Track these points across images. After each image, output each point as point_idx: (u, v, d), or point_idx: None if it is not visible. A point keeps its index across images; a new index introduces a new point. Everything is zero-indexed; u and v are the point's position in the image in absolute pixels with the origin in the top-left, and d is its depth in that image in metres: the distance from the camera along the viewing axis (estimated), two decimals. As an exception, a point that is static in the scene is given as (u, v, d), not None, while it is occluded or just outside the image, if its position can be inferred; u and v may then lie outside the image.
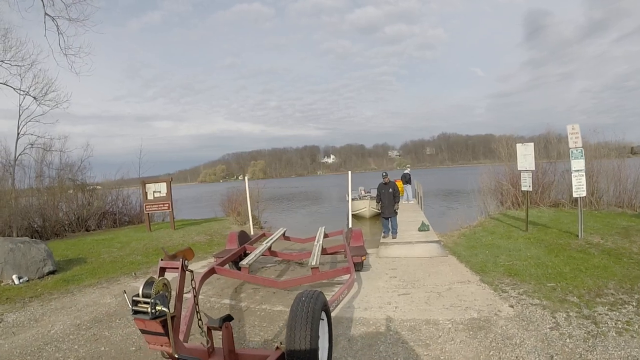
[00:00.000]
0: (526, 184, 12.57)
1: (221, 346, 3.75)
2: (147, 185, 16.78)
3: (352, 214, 23.40)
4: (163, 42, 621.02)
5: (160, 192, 16.50)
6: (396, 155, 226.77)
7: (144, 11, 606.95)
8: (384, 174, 12.67)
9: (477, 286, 7.34)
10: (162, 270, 3.66)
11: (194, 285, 3.96)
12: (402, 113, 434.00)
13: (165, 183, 16.52)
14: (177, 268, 3.68)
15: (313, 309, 3.76)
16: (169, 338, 3.14)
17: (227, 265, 8.53)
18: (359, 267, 8.37)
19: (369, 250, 10.45)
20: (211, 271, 7.49)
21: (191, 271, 3.75)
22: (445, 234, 13.59)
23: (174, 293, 3.45)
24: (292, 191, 63.06)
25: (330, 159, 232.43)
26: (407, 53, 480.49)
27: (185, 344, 3.90)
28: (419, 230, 13.28)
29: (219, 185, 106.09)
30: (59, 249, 13.30)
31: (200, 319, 3.79)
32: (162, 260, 3.72)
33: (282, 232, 11.40)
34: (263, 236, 11.23)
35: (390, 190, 12.26)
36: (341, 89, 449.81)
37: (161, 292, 3.19)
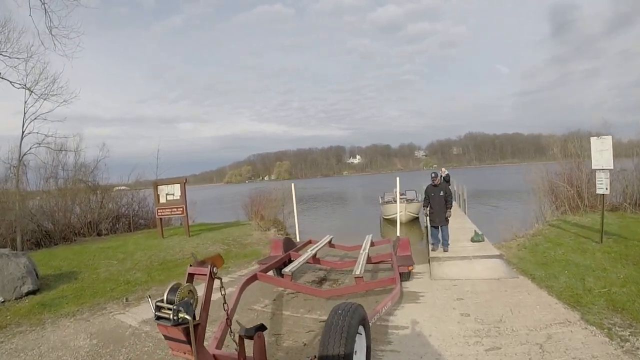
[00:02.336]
0: (602, 186, 10.34)
1: (252, 355, 3.63)
2: (159, 187, 15.00)
3: (386, 218, 21.56)
4: (185, 44, 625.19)
5: (173, 194, 14.69)
6: (422, 155, 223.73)
7: (166, 14, 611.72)
8: (433, 174, 10.62)
9: (583, 330, 5.25)
10: (191, 276, 3.58)
11: (223, 293, 3.75)
12: (427, 112, 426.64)
13: (179, 185, 14.69)
14: (205, 275, 3.51)
15: (349, 323, 3.57)
16: (191, 346, 3.05)
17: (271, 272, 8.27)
18: (405, 277, 7.92)
19: (418, 268, 9.00)
20: (253, 277, 7.17)
21: (220, 278, 3.65)
22: (500, 244, 11.56)
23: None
24: (318, 192, 60.98)
25: (356, 160, 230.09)
26: (430, 51, 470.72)
27: (217, 350, 3.89)
28: (472, 240, 11.21)
29: (245, 185, 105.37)
30: (57, 258, 11.80)
31: (231, 327, 3.87)
32: (190, 266, 3.61)
33: (329, 239, 10.86)
34: (309, 243, 10.88)
35: (442, 193, 10.22)
36: (364, 88, 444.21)
37: (186, 298, 3.13)
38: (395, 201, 20.87)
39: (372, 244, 10.09)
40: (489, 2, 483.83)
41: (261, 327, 3.66)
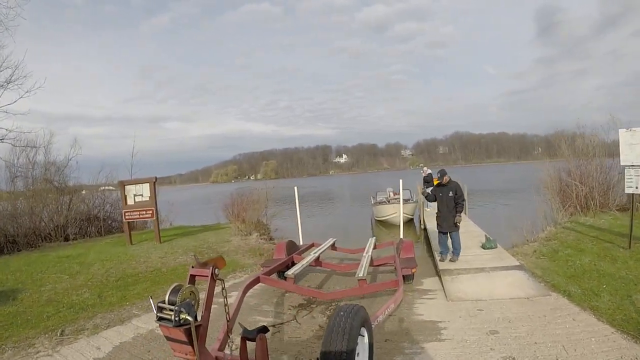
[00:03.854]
0: (632, 184, 9.04)
1: (254, 358, 3.57)
2: (126, 188, 13.31)
3: (379, 220, 20.04)
4: (174, 43, 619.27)
5: (142, 195, 13.03)
6: (409, 155, 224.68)
7: (154, 13, 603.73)
8: (439, 173, 9.16)
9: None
10: (192, 277, 3.57)
11: (225, 295, 3.72)
12: (415, 112, 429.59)
13: (148, 184, 13.05)
14: (207, 276, 3.51)
15: (351, 325, 3.53)
16: (193, 347, 3.05)
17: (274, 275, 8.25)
18: (409, 279, 7.83)
19: (427, 284, 8.04)
20: (256, 280, 7.18)
21: (222, 280, 3.65)
22: (513, 250, 10.27)
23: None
24: (304, 192, 58.81)
25: (343, 159, 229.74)
26: (418, 51, 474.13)
27: (220, 352, 3.87)
28: (484, 247, 9.82)
29: (231, 185, 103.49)
30: (8, 270, 10.32)
31: (232, 329, 4.13)
32: (192, 267, 3.61)
33: (332, 242, 10.83)
34: (312, 246, 10.75)
35: (451, 193, 8.75)
36: (352, 88, 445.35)
37: (187, 299, 3.12)
38: (389, 202, 19.51)
39: (374, 247, 10.03)
40: (478, 3, 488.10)
41: (263, 329, 3.63)
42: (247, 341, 3.61)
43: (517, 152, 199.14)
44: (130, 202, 13.19)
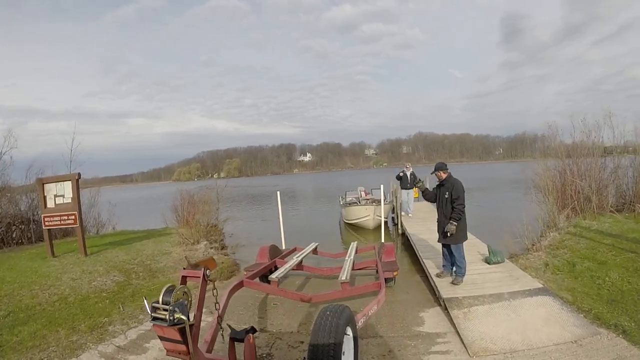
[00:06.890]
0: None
1: (243, 358, 3.70)
2: (45, 187, 10.77)
3: (348, 223, 17.96)
4: (138, 37, 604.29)
5: (63, 196, 10.53)
6: (373, 154, 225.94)
7: (118, 5, 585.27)
8: (436, 167, 7.19)
9: None
10: (184, 278, 3.61)
11: (215, 294, 3.83)
12: (380, 113, 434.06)
13: (70, 182, 10.52)
14: (199, 278, 3.58)
15: (337, 324, 3.59)
16: (187, 346, 3.09)
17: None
18: (390, 282, 7.87)
19: (429, 322, 6.30)
20: (240, 284, 6.96)
21: (213, 281, 3.69)
22: (517, 261, 8.66)
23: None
24: (266, 190, 55.50)
25: (307, 157, 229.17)
26: (384, 53, 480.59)
27: (208, 354, 3.83)
28: (489, 262, 8.02)
29: (193, 183, 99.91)
30: None
31: (222, 329, 3.96)
32: (184, 269, 3.66)
33: (314, 246, 10.78)
34: (294, 250, 10.84)
35: (447, 195, 6.82)
36: (318, 87, 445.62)
37: (181, 300, 3.16)
38: (361, 202, 17.51)
39: (356, 251, 10.04)
40: (445, 8, 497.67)
41: (251, 330, 3.75)
42: (235, 342, 3.79)
43: (480, 153, 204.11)
44: (50, 204, 10.68)
